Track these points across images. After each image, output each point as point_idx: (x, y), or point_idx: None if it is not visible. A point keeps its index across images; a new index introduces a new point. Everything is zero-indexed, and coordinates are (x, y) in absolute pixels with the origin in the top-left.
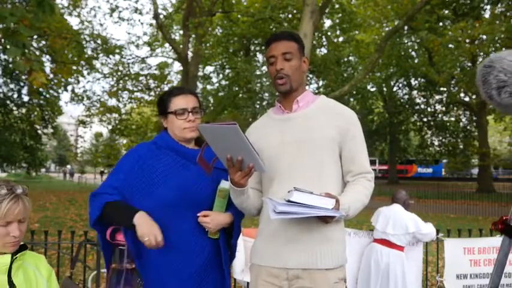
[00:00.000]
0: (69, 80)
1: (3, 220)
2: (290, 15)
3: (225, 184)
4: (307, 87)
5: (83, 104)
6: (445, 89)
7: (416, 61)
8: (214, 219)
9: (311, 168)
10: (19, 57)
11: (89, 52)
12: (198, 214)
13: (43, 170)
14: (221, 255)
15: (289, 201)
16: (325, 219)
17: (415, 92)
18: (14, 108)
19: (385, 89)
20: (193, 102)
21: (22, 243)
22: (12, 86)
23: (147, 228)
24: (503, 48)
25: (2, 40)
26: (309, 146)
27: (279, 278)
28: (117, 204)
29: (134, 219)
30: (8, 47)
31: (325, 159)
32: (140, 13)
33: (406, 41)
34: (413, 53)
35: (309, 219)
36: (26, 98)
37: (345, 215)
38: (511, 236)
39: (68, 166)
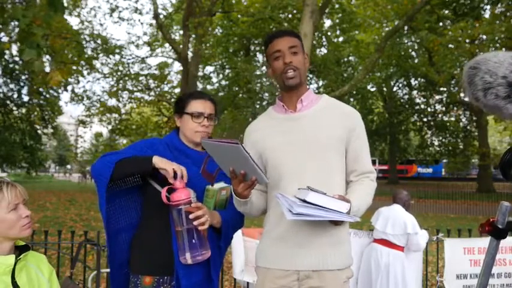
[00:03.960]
0: (69, 80)
1: (12, 204)
2: (290, 15)
3: (213, 185)
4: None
5: (83, 104)
6: (445, 89)
7: (416, 61)
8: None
9: (319, 169)
10: (35, 58)
11: (89, 52)
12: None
13: (52, 170)
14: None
15: (304, 201)
16: (336, 222)
17: (415, 92)
18: (14, 108)
19: (385, 89)
20: (210, 109)
21: (24, 243)
22: (12, 86)
23: (169, 163)
24: (503, 49)
25: (16, 42)
26: (317, 146)
27: (289, 279)
28: (129, 158)
29: (154, 161)
30: (23, 49)
31: (333, 159)
32: (140, 13)
33: (406, 41)
34: (413, 53)
35: (319, 221)
36: (26, 98)
37: (359, 220)
38: (497, 238)
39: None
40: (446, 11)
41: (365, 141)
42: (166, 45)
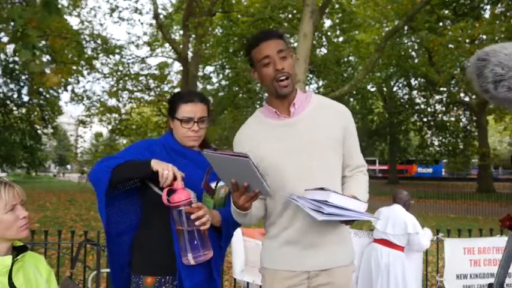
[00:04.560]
0: (69, 80)
1: (9, 205)
2: (290, 15)
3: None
4: (306, 88)
5: (83, 104)
6: (445, 89)
7: (416, 61)
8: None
9: (319, 169)
10: (31, 59)
11: (89, 52)
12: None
13: (53, 170)
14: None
15: (325, 202)
16: (348, 221)
17: (415, 92)
18: (14, 108)
19: (385, 89)
20: (201, 112)
21: (22, 244)
22: (12, 86)
23: (165, 165)
24: None
25: (10, 43)
26: (315, 147)
27: (298, 279)
28: (127, 162)
29: (151, 164)
30: (19, 49)
31: (332, 158)
32: (140, 13)
33: (406, 41)
34: (413, 53)
35: (327, 222)
36: (26, 98)
37: (379, 219)
38: None
39: None
40: (446, 11)
41: (356, 137)
42: (166, 45)
